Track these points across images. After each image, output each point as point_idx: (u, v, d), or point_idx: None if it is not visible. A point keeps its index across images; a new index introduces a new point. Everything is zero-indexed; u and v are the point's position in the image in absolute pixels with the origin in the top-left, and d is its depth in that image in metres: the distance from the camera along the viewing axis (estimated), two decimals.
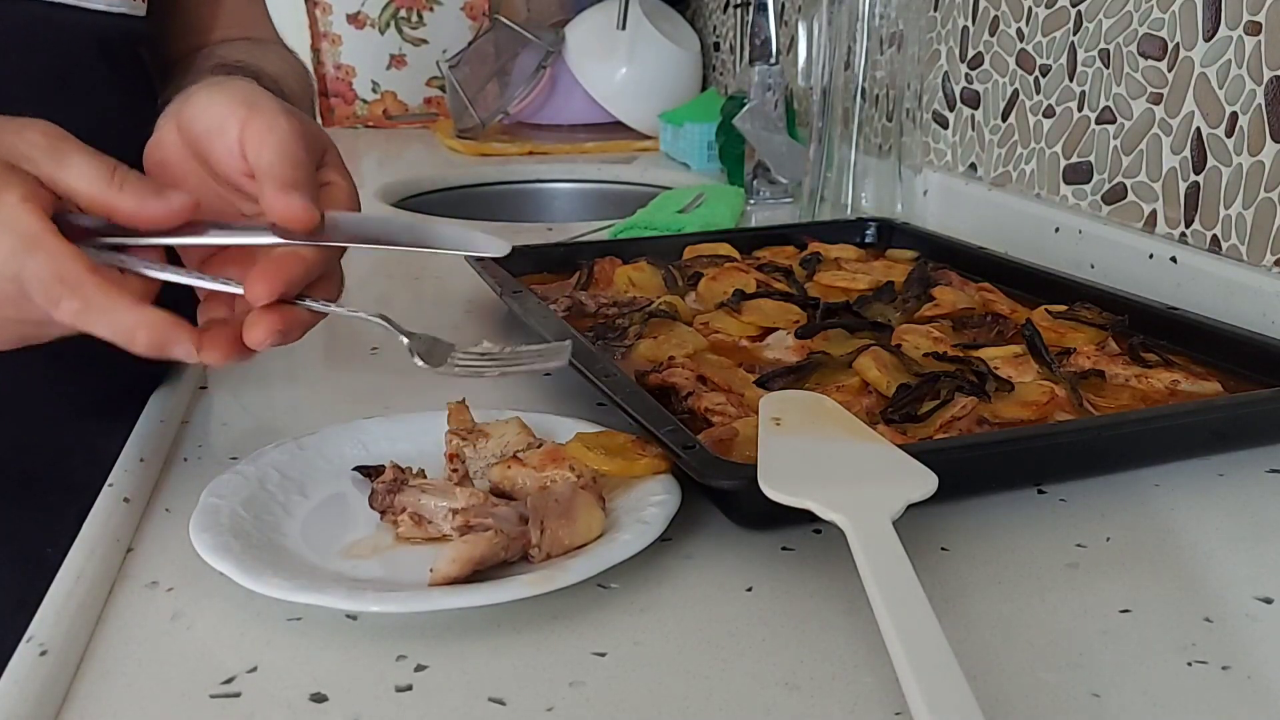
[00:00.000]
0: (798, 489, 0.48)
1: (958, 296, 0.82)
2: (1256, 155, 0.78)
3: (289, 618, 0.46)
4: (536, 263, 0.93)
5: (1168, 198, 0.87)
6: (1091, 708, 0.41)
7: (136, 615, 0.47)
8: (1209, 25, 0.82)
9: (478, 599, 0.45)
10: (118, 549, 0.52)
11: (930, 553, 0.51)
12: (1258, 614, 0.47)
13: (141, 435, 0.63)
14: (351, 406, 0.68)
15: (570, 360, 0.58)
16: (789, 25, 1.48)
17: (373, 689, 0.42)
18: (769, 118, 1.28)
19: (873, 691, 0.42)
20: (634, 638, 0.45)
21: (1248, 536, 0.54)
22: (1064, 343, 0.72)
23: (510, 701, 0.41)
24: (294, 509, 0.54)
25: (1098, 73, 0.94)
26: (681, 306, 0.81)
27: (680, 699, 0.41)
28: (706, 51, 1.85)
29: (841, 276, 0.90)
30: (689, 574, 0.50)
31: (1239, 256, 0.81)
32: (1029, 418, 0.62)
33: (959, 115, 1.16)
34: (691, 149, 1.53)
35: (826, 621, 0.46)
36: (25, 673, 0.42)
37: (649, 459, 0.56)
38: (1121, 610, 0.47)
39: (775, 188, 1.31)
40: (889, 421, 0.61)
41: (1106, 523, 0.55)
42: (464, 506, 0.52)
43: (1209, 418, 0.61)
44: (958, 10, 1.14)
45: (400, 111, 2.01)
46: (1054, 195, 1.01)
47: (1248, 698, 0.41)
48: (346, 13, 1.97)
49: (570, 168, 1.63)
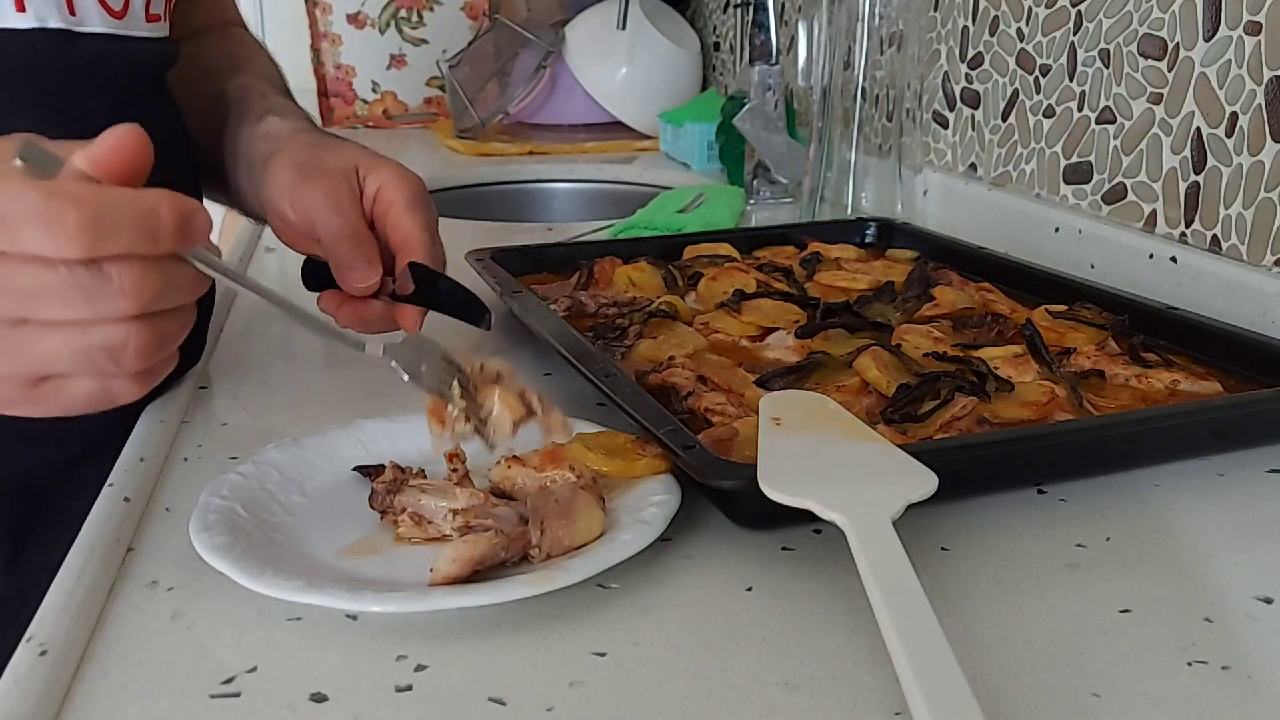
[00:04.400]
0: (798, 489, 0.48)
1: (958, 296, 0.82)
2: (1256, 155, 0.78)
3: (289, 617, 0.46)
4: (536, 263, 0.93)
5: (1168, 198, 0.87)
6: (1091, 708, 0.41)
7: (136, 615, 0.47)
8: (1209, 25, 0.82)
9: (478, 599, 0.45)
10: (118, 549, 0.52)
11: (930, 553, 0.51)
12: (1258, 614, 0.47)
13: (141, 435, 0.63)
14: (351, 406, 0.68)
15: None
16: (789, 25, 1.48)
17: (373, 689, 0.42)
18: (769, 118, 1.28)
19: (873, 691, 0.42)
20: (634, 638, 0.45)
21: (1248, 536, 0.54)
22: (1064, 343, 0.72)
23: (510, 701, 0.41)
24: (294, 509, 0.54)
25: (1098, 73, 0.94)
26: (681, 306, 0.81)
27: (680, 699, 0.41)
28: (706, 51, 1.85)
29: (841, 276, 0.90)
30: (689, 574, 0.50)
31: (1239, 256, 0.81)
32: (1029, 418, 0.62)
33: (959, 115, 1.16)
34: (691, 149, 1.53)
35: (826, 621, 0.46)
36: (25, 673, 0.42)
37: (649, 459, 0.56)
38: (1121, 610, 0.47)
39: (775, 188, 1.31)
40: (889, 421, 0.61)
41: (1106, 523, 0.55)
42: (464, 507, 0.52)
43: (1209, 418, 0.61)
44: (958, 10, 1.14)
45: (400, 111, 2.01)
46: (1054, 195, 1.01)
47: (1248, 698, 0.41)
48: (346, 13, 1.97)
49: (570, 168, 1.63)
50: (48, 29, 0.56)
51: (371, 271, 0.60)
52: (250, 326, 0.88)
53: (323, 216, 0.60)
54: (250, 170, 0.68)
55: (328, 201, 0.60)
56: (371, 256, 0.60)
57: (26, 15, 0.54)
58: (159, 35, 0.65)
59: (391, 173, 0.62)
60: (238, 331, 0.85)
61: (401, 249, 0.61)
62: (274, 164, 0.64)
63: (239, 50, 0.80)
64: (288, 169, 0.62)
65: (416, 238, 0.61)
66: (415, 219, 0.61)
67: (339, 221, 0.60)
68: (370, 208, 0.62)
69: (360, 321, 0.62)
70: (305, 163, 0.62)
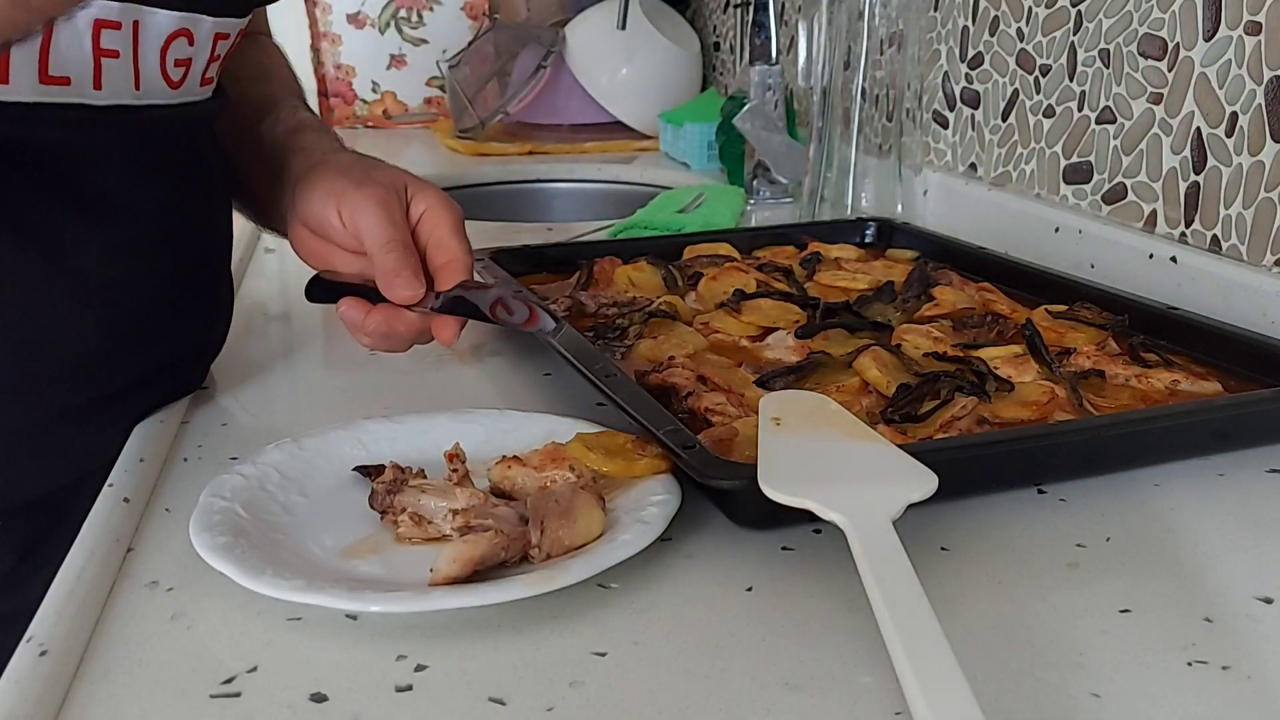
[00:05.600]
0: (798, 489, 0.48)
1: (958, 296, 0.82)
2: (1256, 155, 0.78)
3: (289, 618, 0.46)
4: (536, 263, 0.93)
5: (1168, 198, 0.87)
6: (1091, 707, 0.41)
7: (136, 615, 0.47)
8: (1209, 25, 0.82)
9: (478, 599, 0.45)
10: (118, 549, 0.52)
11: (930, 552, 0.51)
12: (1258, 614, 0.47)
13: (141, 435, 0.63)
14: (351, 406, 0.68)
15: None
16: (789, 25, 1.48)
17: (373, 689, 0.42)
18: (769, 117, 1.28)
19: (872, 691, 0.42)
20: (634, 638, 0.45)
21: (1248, 536, 0.54)
22: (1064, 343, 0.72)
23: (510, 701, 0.41)
24: (294, 509, 0.54)
25: (1098, 72, 0.94)
26: (681, 306, 0.81)
27: (680, 699, 0.41)
28: (706, 51, 1.85)
29: (841, 276, 0.90)
30: (689, 574, 0.50)
31: (1239, 256, 0.81)
32: (1029, 418, 0.62)
33: (959, 115, 1.16)
34: (691, 149, 1.53)
35: (826, 621, 0.46)
36: (25, 673, 0.42)
37: (649, 459, 0.56)
38: (1121, 610, 0.47)
39: (775, 187, 1.31)
40: (889, 421, 0.61)
41: (1106, 523, 0.55)
42: (464, 507, 0.52)
43: (1209, 418, 0.61)
44: (958, 10, 1.14)
45: (400, 111, 2.02)
46: (1054, 195, 1.01)
47: (1247, 698, 0.41)
48: (346, 12, 1.97)
49: (570, 168, 1.63)
50: (121, 105, 0.58)
51: (417, 282, 0.62)
52: (250, 327, 0.88)
53: (374, 224, 0.62)
54: (280, 183, 0.69)
55: (381, 211, 0.62)
56: (418, 268, 0.62)
57: (102, 93, 0.57)
58: (210, 95, 0.66)
59: (439, 197, 0.65)
60: (238, 332, 0.85)
61: (445, 269, 0.64)
62: (319, 174, 0.66)
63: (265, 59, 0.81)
64: (338, 178, 0.65)
65: (461, 260, 0.64)
66: (461, 243, 0.64)
67: (392, 231, 0.62)
68: (415, 226, 0.65)
69: (388, 329, 0.63)
70: (356, 174, 0.65)
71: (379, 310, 0.63)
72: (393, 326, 0.63)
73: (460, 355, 0.80)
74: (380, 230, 0.62)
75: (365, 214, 0.62)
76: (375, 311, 0.63)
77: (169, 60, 0.60)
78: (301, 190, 0.66)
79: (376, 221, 0.62)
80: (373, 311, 0.63)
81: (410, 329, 0.64)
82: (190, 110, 0.64)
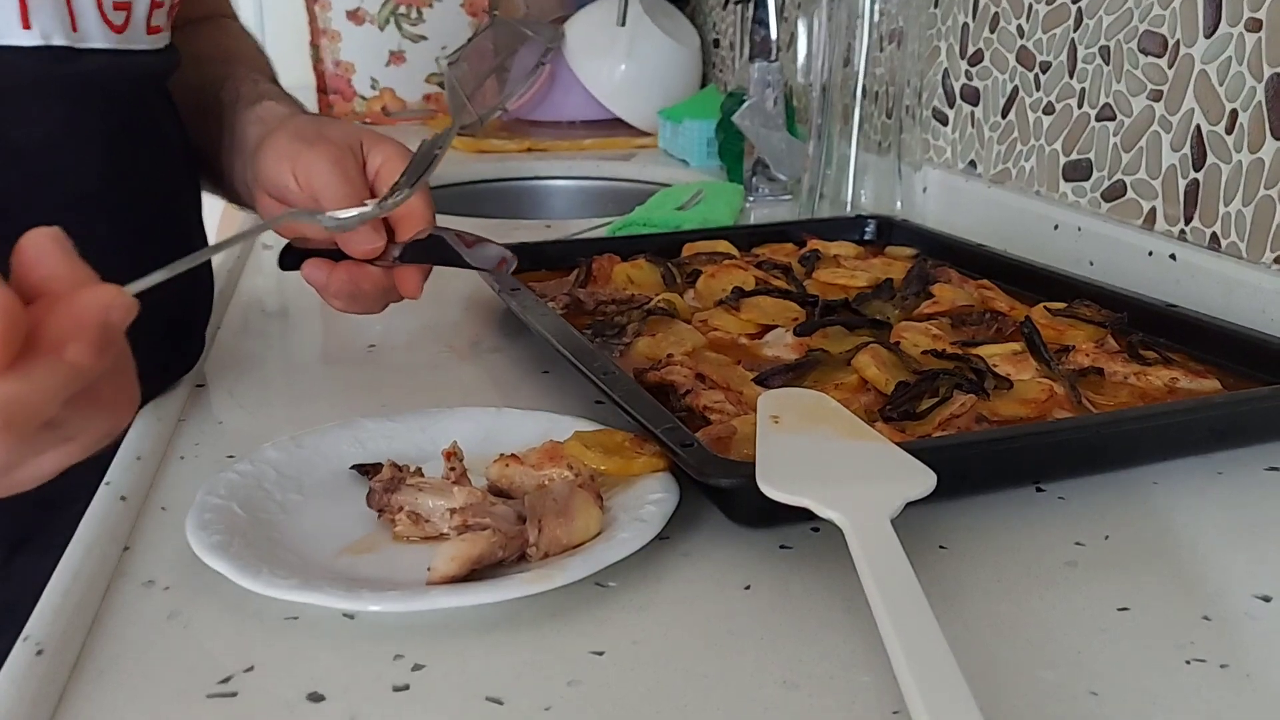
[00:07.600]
0: (796, 487, 0.48)
1: (957, 294, 0.82)
2: (1256, 152, 0.78)
3: (286, 616, 0.46)
4: (535, 260, 0.93)
5: (1167, 195, 0.87)
6: (1090, 706, 0.41)
7: (133, 614, 0.47)
8: (1209, 22, 0.82)
9: (475, 598, 0.45)
10: (114, 547, 0.52)
11: (929, 551, 0.51)
12: (1256, 612, 0.47)
13: (138, 433, 0.63)
14: (349, 405, 0.68)
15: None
16: (789, 22, 1.47)
17: (370, 688, 0.42)
18: (768, 114, 1.28)
19: (871, 690, 0.42)
20: (632, 636, 0.45)
21: (1246, 534, 0.54)
22: (1063, 340, 0.72)
23: (508, 701, 0.41)
24: (291, 507, 0.54)
25: (1098, 69, 0.94)
26: (680, 304, 0.81)
27: (679, 698, 0.41)
28: (706, 48, 1.85)
29: (840, 274, 0.89)
30: (687, 572, 0.50)
31: (1238, 254, 0.80)
32: (1028, 415, 0.62)
33: (959, 112, 1.16)
34: (691, 146, 1.52)
35: (825, 620, 0.46)
36: (21, 672, 0.41)
37: (647, 457, 0.56)
38: (1120, 608, 0.47)
39: (774, 185, 1.31)
40: (887, 419, 0.61)
41: (1105, 521, 0.55)
42: (462, 505, 0.51)
43: (1208, 415, 0.61)
44: (958, 7, 1.14)
45: (399, 108, 2.01)
46: (1053, 192, 1.01)
47: (1246, 696, 0.41)
48: (346, 9, 1.96)
49: (569, 164, 1.63)
50: (52, 46, 0.57)
51: (376, 235, 0.61)
52: (247, 324, 0.87)
53: (328, 182, 0.61)
54: (242, 155, 0.68)
55: (335, 169, 0.61)
56: (376, 223, 0.62)
57: (32, 33, 0.55)
58: (160, 46, 0.65)
59: (395, 149, 0.64)
60: (234, 329, 0.85)
61: (405, 220, 0.62)
62: (273, 139, 0.64)
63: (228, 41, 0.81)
64: (291, 140, 0.63)
65: (420, 211, 0.62)
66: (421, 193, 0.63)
67: (347, 189, 0.61)
68: (372, 181, 0.63)
69: (353, 288, 0.63)
70: (309, 134, 0.63)
71: (341, 268, 0.62)
72: (357, 284, 0.63)
73: (459, 353, 0.80)
74: (336, 187, 0.61)
75: (320, 173, 0.61)
76: (338, 269, 0.63)
77: (107, 0, 0.58)
78: (259, 157, 0.65)
79: (331, 179, 0.61)
80: (335, 269, 0.63)
81: (376, 286, 0.63)
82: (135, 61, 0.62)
